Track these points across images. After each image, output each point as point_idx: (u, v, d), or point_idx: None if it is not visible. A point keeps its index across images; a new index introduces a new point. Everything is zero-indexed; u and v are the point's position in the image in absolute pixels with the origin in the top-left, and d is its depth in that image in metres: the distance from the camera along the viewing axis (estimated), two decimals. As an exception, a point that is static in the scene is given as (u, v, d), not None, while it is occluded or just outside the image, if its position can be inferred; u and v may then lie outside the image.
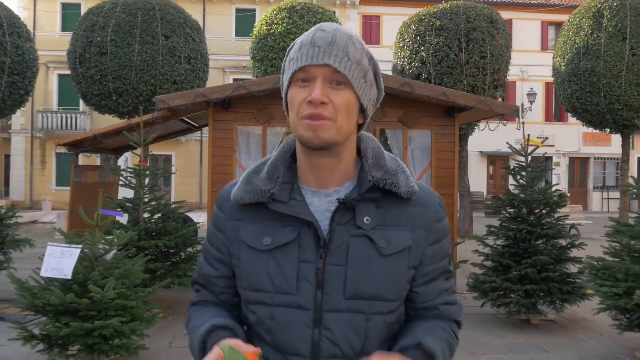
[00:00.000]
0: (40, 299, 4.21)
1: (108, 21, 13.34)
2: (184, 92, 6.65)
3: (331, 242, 1.12)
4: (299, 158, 1.20)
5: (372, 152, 1.21)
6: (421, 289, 1.20)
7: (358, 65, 1.11)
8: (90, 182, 7.65)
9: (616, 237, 5.03)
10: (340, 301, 1.10)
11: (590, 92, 14.61)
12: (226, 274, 1.23)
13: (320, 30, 1.12)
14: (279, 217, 1.15)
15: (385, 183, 1.14)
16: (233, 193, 1.20)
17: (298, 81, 1.11)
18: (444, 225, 1.22)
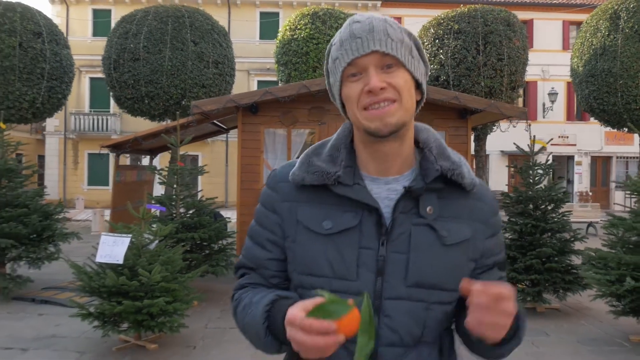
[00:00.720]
0: (96, 281, 4.84)
1: (140, 29, 14.07)
2: (216, 98, 7.26)
3: (393, 229, 1.12)
4: (359, 145, 1.19)
5: (435, 142, 1.20)
6: (480, 277, 1.19)
7: (402, 44, 1.11)
8: (130, 181, 8.31)
9: (611, 230, 5.48)
10: (401, 289, 1.10)
11: (607, 93, 14.91)
12: (279, 257, 1.21)
13: (355, 22, 1.12)
14: (340, 202, 1.14)
15: (452, 173, 1.14)
16: (293, 173, 1.18)
17: (349, 77, 1.11)
18: (499, 219, 1.24)
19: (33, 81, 14.35)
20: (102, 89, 27.39)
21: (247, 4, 27.66)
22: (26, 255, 7.05)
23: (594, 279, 5.11)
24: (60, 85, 15.08)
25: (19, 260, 7.11)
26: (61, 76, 15.00)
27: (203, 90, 14.32)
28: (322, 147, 1.22)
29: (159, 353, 4.99)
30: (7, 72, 14.02)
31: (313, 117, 7.82)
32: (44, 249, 7.21)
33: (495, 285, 0.97)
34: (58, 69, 14.81)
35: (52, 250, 7.35)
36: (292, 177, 1.17)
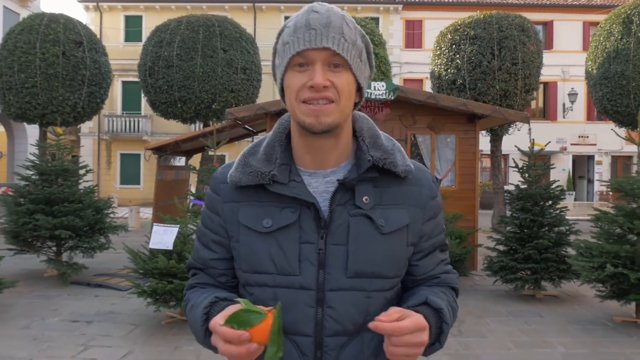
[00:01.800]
0: (149, 264, 5.72)
1: (174, 37, 15.03)
2: (248, 106, 8.11)
3: (332, 222, 1.14)
4: (295, 140, 1.20)
5: (368, 131, 1.22)
6: (420, 262, 1.24)
7: (354, 46, 1.11)
8: (169, 180, 9.20)
9: (597, 223, 6.19)
10: (342, 280, 1.13)
11: (620, 95, 15.41)
12: (224, 256, 1.24)
13: (313, 11, 1.11)
14: (278, 199, 1.16)
15: (384, 162, 1.16)
16: (230, 175, 1.20)
17: (295, 66, 1.11)
18: (437, 202, 1.26)
19: (74, 87, 15.35)
20: (134, 92, 28.73)
21: (272, 9, 28.59)
22: (81, 245, 7.99)
23: (580, 266, 5.82)
24: (99, 91, 16.08)
25: (75, 250, 8.06)
26: (100, 82, 16.00)
27: (232, 95, 15.22)
28: (258, 146, 1.23)
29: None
30: (52, 79, 15.05)
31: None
32: (96, 240, 8.15)
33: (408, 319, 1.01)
34: (97, 75, 15.82)
35: (102, 241, 8.29)
36: (230, 179, 1.20)
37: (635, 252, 5.56)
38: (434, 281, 1.26)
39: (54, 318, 6.09)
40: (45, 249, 8.25)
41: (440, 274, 1.27)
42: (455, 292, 1.29)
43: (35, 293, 7.23)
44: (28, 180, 8.15)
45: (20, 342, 5.20)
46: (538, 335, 5.61)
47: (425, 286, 1.24)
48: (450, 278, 1.29)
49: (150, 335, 5.51)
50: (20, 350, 4.95)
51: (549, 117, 28.53)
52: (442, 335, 1.14)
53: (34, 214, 7.71)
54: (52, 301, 6.84)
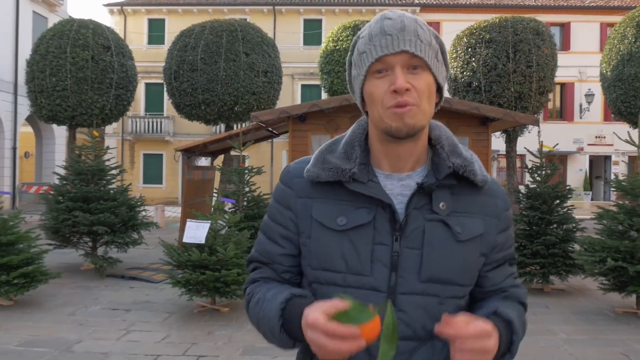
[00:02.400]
0: (183, 257, 6.24)
1: (198, 42, 15.60)
2: (271, 110, 8.61)
3: (407, 225, 1.13)
4: (374, 143, 1.20)
5: (447, 140, 1.22)
6: (490, 274, 1.23)
7: (430, 47, 1.11)
8: (197, 179, 9.73)
9: (600, 221, 6.58)
10: (415, 284, 1.11)
11: (633, 96, 15.66)
12: (292, 252, 1.22)
13: (387, 18, 1.12)
14: (354, 198, 1.15)
15: (464, 170, 1.16)
16: (307, 170, 1.20)
17: (374, 73, 1.11)
18: (510, 214, 1.25)
19: (103, 90, 15.99)
20: (157, 93, 29.47)
21: (291, 12, 29.10)
22: (115, 240, 8.55)
23: (583, 260, 6.22)
24: (125, 93, 16.73)
25: (110, 245, 8.63)
26: (126, 85, 16.64)
27: (253, 97, 15.75)
28: (336, 144, 1.23)
29: (230, 314, 6.35)
30: (81, 82, 15.71)
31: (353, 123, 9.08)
32: (129, 236, 8.72)
33: (473, 324, 1.00)
34: (124, 78, 16.46)
35: (135, 236, 8.86)
36: (307, 173, 1.19)
37: (635, 247, 5.96)
38: (502, 294, 1.25)
39: (95, 306, 6.64)
40: (81, 244, 8.83)
41: (509, 288, 1.26)
42: (523, 308, 1.27)
43: (75, 284, 7.80)
44: (66, 180, 8.73)
45: (69, 327, 5.75)
46: (543, 324, 6.02)
47: (494, 299, 1.23)
48: (518, 292, 1.27)
49: (185, 321, 6.03)
50: (70, 334, 5.50)
51: (565, 118, 28.67)
52: (513, 346, 1.13)
53: (72, 211, 8.29)
54: (91, 292, 7.40)
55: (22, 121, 22.81)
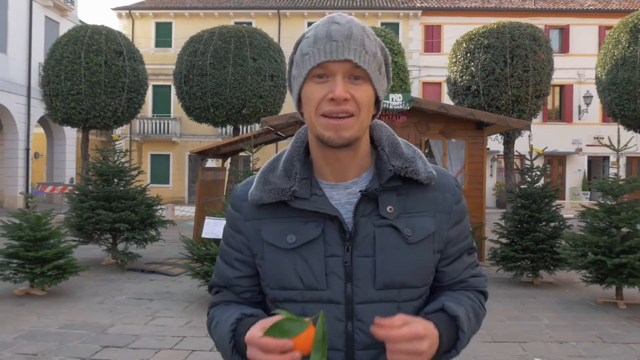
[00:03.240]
0: (202, 250, 6.86)
1: (207, 48, 16.22)
2: (280, 115, 9.23)
3: (357, 234, 1.13)
4: (314, 152, 1.19)
5: (388, 140, 1.21)
6: (447, 268, 1.22)
7: (374, 58, 1.10)
8: (209, 180, 10.35)
9: (583, 218, 7.17)
10: (371, 292, 1.12)
11: (627, 100, 16.23)
12: (249, 274, 1.23)
13: (335, 23, 1.09)
14: (300, 214, 1.15)
15: (405, 171, 1.15)
16: (251, 193, 1.19)
17: (314, 77, 1.10)
18: (463, 206, 1.24)
19: (115, 94, 16.63)
20: (164, 95, 30.14)
21: (295, 16, 29.72)
22: (135, 236, 9.18)
23: (567, 254, 6.83)
24: (137, 97, 17.35)
25: (130, 241, 9.25)
26: (138, 88, 17.27)
27: (260, 101, 16.35)
28: (277, 162, 1.22)
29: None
30: (95, 86, 16.35)
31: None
32: (147, 232, 9.34)
33: (407, 326, 1.00)
34: (135, 82, 17.08)
35: (153, 233, 9.48)
36: (250, 197, 1.19)
37: (613, 242, 6.56)
38: (461, 285, 1.24)
39: (121, 296, 7.27)
40: (102, 240, 9.46)
41: (468, 278, 1.25)
42: (483, 295, 1.28)
43: (99, 277, 8.43)
44: (89, 181, 9.36)
45: (100, 313, 6.37)
46: (529, 312, 6.63)
47: (451, 291, 1.23)
48: (477, 281, 1.27)
49: (204, 309, 6.64)
50: (102, 319, 6.12)
51: (564, 119, 29.23)
52: (458, 342, 1.13)
53: (95, 210, 8.92)
54: (115, 283, 8.03)
55: (34, 123, 23.46)
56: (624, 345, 5.33)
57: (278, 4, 30.16)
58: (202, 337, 5.48)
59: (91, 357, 4.86)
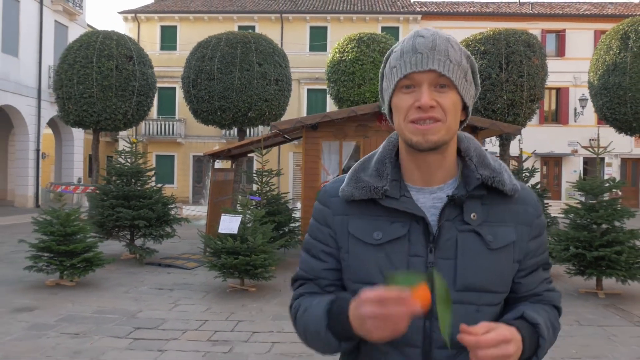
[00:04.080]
0: (218, 244, 7.52)
1: (215, 53, 16.89)
2: (288, 120, 9.88)
3: (440, 236, 1.17)
4: (403, 157, 1.25)
5: (476, 151, 1.26)
6: (524, 280, 1.26)
7: (459, 66, 1.16)
8: (220, 180, 11.00)
9: (567, 215, 7.84)
10: (451, 293, 1.11)
11: (618, 104, 16.90)
12: (334, 266, 1.28)
13: (419, 36, 1.17)
14: (388, 213, 1.20)
15: (493, 181, 1.20)
16: (342, 189, 1.26)
17: (402, 88, 1.17)
18: (542, 221, 1.28)
19: (126, 97, 17.29)
20: (169, 97, 30.81)
21: (298, 20, 30.38)
22: (152, 233, 9.84)
23: (551, 248, 7.49)
24: (146, 100, 18.02)
25: (147, 237, 9.91)
26: (147, 92, 17.94)
27: (266, 104, 17.01)
28: (368, 162, 1.29)
29: (257, 293, 7.62)
30: (106, 89, 17.02)
31: (359, 132, 10.37)
32: (163, 229, 10.00)
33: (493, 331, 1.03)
34: (145, 86, 17.76)
35: (168, 230, 10.14)
36: (342, 193, 1.25)
37: (593, 237, 7.22)
38: (536, 299, 1.28)
39: (143, 287, 7.93)
40: (121, 236, 10.12)
41: (543, 292, 1.29)
42: (557, 311, 1.31)
43: (120, 270, 9.09)
44: (109, 181, 10.03)
45: (126, 302, 7.03)
46: (517, 301, 7.28)
47: (525, 303, 1.26)
48: (552, 296, 1.30)
49: (221, 298, 7.31)
50: (130, 306, 6.78)
51: (560, 121, 29.90)
52: (539, 349, 1.16)
53: (115, 208, 9.58)
54: (136, 276, 8.68)
55: (44, 124, 24.12)
56: (598, 328, 5.99)
57: (281, 8, 30.83)
58: (223, 321, 6.14)
59: (127, 336, 5.53)
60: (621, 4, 33.61)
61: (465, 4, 33.34)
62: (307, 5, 31.59)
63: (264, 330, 5.80)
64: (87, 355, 4.92)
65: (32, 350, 5.01)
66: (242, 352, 5.09)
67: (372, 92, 16.85)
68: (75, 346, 5.17)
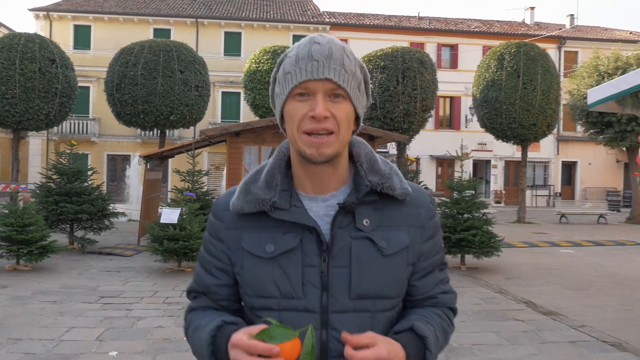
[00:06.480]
0: (161, 232, 9.01)
1: (138, 60, 18.05)
2: (216, 128, 11.46)
3: (333, 245, 1.16)
4: (295, 166, 1.23)
5: (366, 157, 1.24)
6: (419, 283, 1.26)
7: (354, 77, 1.14)
8: (152, 179, 12.38)
9: (439, 207, 10.01)
10: (346, 302, 1.15)
11: (495, 115, 19.79)
12: (227, 282, 1.27)
13: (315, 43, 1.14)
14: (280, 224, 1.19)
15: (382, 187, 1.19)
16: (232, 203, 1.23)
17: (296, 95, 1.13)
18: (436, 222, 1.29)
19: (48, 98, 18.03)
20: (83, 96, 30.99)
21: (213, 25, 31.61)
22: (93, 225, 11.09)
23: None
24: (68, 101, 18.81)
25: (88, 229, 11.16)
26: (69, 94, 18.75)
27: (187, 109, 18.41)
28: (259, 174, 1.26)
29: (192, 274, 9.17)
30: (29, 91, 17.69)
31: (276, 138, 12.12)
32: (102, 222, 11.27)
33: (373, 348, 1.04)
34: (67, 88, 18.55)
35: (107, 223, 11.42)
36: (232, 207, 1.23)
37: (456, 224, 9.41)
38: (431, 301, 1.28)
39: (92, 270, 9.27)
40: (61, 229, 11.27)
41: (438, 294, 1.29)
42: (453, 312, 1.33)
43: (66, 258, 10.30)
44: (51, 179, 11.17)
45: (84, 280, 8.39)
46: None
47: (421, 307, 1.27)
48: (448, 298, 1.31)
49: (163, 277, 8.82)
50: (88, 283, 8.16)
51: (453, 127, 33.14)
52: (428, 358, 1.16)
53: (59, 203, 10.75)
54: (83, 262, 9.97)
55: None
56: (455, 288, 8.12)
57: (196, 13, 31.91)
58: (171, 290, 7.72)
59: (96, 302, 6.99)
60: (507, 23, 37.57)
61: (370, 16, 35.98)
62: (222, 10, 32.85)
63: (206, 296, 7.45)
64: (72, 314, 6.37)
65: (25, 313, 6.38)
66: (193, 309, 6.72)
67: (285, 100, 18.61)
68: (59, 309, 6.58)
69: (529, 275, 9.58)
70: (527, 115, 19.23)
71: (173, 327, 5.87)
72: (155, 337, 5.53)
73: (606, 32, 36.63)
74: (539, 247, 13.68)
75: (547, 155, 33.79)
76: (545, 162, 34.01)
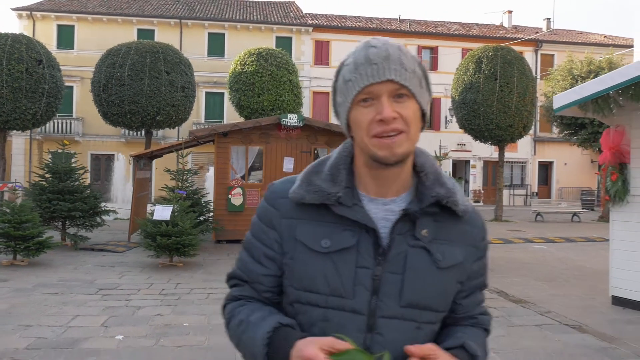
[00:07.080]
0: (154, 228, 9.43)
1: (125, 61, 18.35)
2: (205, 129, 11.88)
3: (390, 250, 1.16)
4: (360, 167, 1.22)
5: (432, 168, 1.24)
6: (463, 301, 1.28)
7: (414, 74, 1.14)
8: (141, 178, 12.75)
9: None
10: (395, 308, 1.15)
11: (473, 116, 20.44)
12: (274, 272, 1.24)
13: (371, 46, 1.14)
14: (339, 221, 1.17)
15: (447, 200, 1.19)
16: (293, 191, 1.21)
17: (360, 102, 1.13)
18: (487, 243, 1.31)
19: (35, 98, 18.22)
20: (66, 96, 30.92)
21: (197, 26, 31.91)
22: (85, 223, 11.45)
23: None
24: (54, 101, 19.01)
25: (81, 226, 11.51)
26: (56, 94, 18.94)
27: (173, 109, 18.75)
28: (322, 166, 1.24)
29: (185, 267, 9.60)
30: (16, 91, 17.88)
31: (262, 138, 12.59)
32: (94, 220, 11.64)
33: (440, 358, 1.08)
34: (54, 88, 18.75)
35: (99, 220, 11.79)
36: (292, 195, 1.21)
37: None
38: (471, 321, 1.30)
39: (87, 265, 9.64)
40: (53, 226, 11.61)
41: (478, 315, 1.32)
42: (487, 334, 1.34)
43: (60, 254, 10.65)
44: (44, 178, 11.50)
45: (80, 274, 8.77)
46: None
47: (461, 326, 1.29)
48: (485, 320, 1.33)
49: (156, 271, 9.23)
50: (84, 277, 8.55)
51: (434, 127, 33.85)
52: None
53: (52, 201, 11.09)
54: (77, 258, 10.33)
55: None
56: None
57: (180, 13, 32.18)
58: (165, 283, 8.14)
59: (96, 293, 7.39)
60: (485, 26, 38.41)
61: (352, 18, 36.54)
62: (205, 11, 33.15)
63: (199, 287, 7.91)
64: (74, 304, 6.78)
65: (30, 303, 6.77)
66: (188, 299, 7.18)
67: (270, 101, 19.09)
68: (61, 299, 6.99)
69: (502, 268, 10.17)
70: (504, 117, 19.91)
71: (172, 315, 6.32)
72: (157, 323, 5.98)
73: (581, 36, 37.67)
74: (514, 243, 14.32)
75: (525, 155, 34.64)
76: (523, 162, 34.86)
